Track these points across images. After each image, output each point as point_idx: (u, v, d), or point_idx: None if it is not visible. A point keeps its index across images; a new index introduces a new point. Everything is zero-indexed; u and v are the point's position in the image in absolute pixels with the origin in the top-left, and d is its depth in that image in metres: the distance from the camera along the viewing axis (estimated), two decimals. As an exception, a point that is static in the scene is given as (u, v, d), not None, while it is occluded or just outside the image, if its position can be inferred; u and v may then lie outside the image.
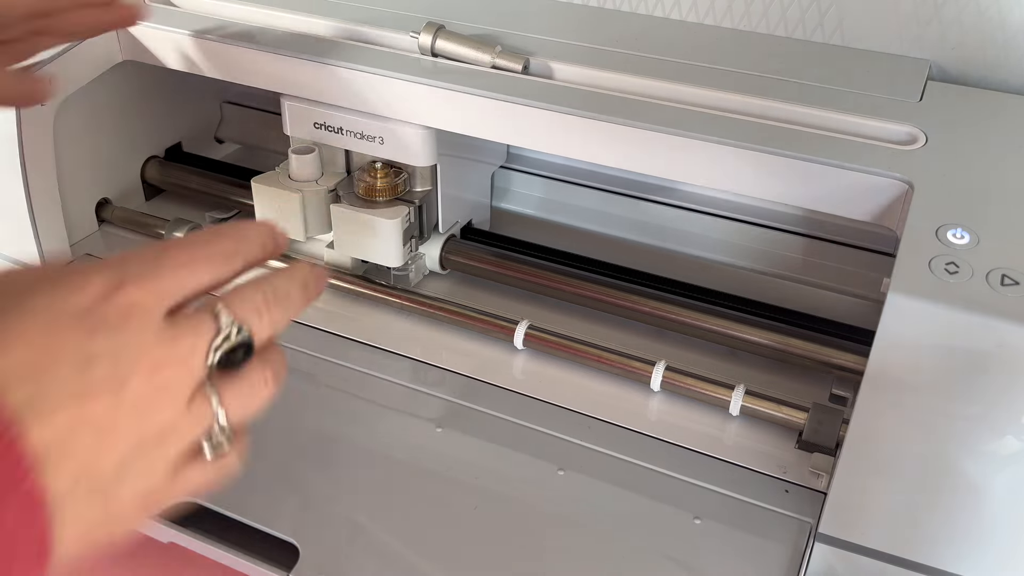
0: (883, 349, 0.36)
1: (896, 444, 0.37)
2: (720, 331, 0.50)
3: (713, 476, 0.43)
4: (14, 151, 0.52)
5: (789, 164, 0.42)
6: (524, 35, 0.53)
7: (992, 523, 0.37)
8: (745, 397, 0.46)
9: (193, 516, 0.41)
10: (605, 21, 0.57)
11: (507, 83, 0.48)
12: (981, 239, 0.37)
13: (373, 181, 0.52)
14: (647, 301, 0.51)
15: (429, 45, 0.51)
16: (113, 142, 0.61)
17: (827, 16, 0.54)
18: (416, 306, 0.53)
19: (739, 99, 0.46)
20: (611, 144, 0.45)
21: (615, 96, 0.47)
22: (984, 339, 0.34)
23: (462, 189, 0.57)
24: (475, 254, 0.56)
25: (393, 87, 0.49)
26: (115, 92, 0.60)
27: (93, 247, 0.59)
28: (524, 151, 0.61)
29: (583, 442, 0.45)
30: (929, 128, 0.44)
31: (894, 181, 0.41)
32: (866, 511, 0.39)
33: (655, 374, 0.47)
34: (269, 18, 0.56)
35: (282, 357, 0.27)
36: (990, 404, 0.35)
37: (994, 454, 0.35)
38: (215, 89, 0.69)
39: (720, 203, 0.58)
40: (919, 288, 0.35)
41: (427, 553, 0.40)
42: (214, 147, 0.71)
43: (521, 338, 0.50)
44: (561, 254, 0.56)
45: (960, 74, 0.53)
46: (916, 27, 0.53)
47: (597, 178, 0.61)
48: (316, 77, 0.51)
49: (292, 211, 0.53)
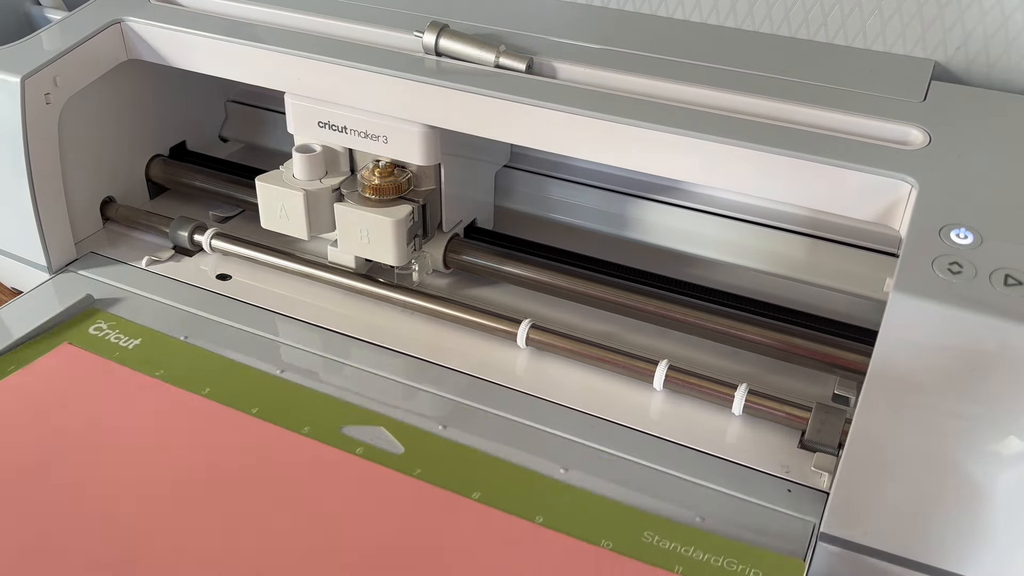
0: (886, 349, 0.36)
1: (899, 444, 0.37)
2: (723, 330, 0.50)
3: (715, 475, 0.43)
4: (19, 149, 0.52)
5: (792, 164, 0.42)
6: (528, 35, 0.53)
7: (995, 523, 0.37)
8: (748, 396, 0.46)
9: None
10: (609, 21, 0.57)
11: (511, 82, 0.48)
12: (984, 239, 0.37)
13: (376, 180, 0.52)
14: (650, 300, 0.52)
15: (433, 44, 0.51)
16: (117, 140, 0.61)
17: (830, 16, 0.54)
18: (419, 304, 0.53)
19: (742, 99, 0.46)
20: (614, 144, 0.45)
21: (618, 96, 0.47)
22: (987, 339, 0.34)
23: (465, 188, 0.57)
24: (478, 253, 0.56)
25: (397, 86, 0.49)
26: (119, 91, 0.60)
27: (97, 245, 0.59)
28: (528, 150, 0.61)
29: (586, 441, 0.45)
30: (933, 128, 0.44)
31: (897, 181, 0.41)
32: (869, 511, 0.39)
33: (658, 373, 0.47)
34: (273, 17, 0.56)
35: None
36: (993, 404, 0.35)
37: (997, 454, 0.35)
38: (219, 88, 0.69)
39: (723, 203, 0.58)
40: (922, 288, 0.35)
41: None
42: (218, 146, 0.71)
43: (524, 337, 0.50)
44: (564, 253, 0.56)
45: (964, 74, 0.53)
46: (919, 27, 0.53)
47: (600, 178, 0.61)
48: (320, 76, 0.51)
49: (296, 210, 0.53)
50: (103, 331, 0.51)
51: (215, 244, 0.58)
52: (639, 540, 0.39)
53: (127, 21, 0.56)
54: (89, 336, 0.51)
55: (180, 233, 0.58)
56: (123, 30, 0.56)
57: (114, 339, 0.51)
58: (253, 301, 0.54)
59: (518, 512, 0.40)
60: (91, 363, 0.49)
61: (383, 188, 0.52)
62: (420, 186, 0.53)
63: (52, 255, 0.56)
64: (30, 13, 0.66)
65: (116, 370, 0.48)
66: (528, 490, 0.42)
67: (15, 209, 0.55)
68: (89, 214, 0.60)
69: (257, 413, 0.46)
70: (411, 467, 0.43)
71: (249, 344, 0.51)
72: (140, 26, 0.56)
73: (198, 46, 0.54)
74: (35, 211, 0.54)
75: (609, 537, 0.39)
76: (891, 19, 0.53)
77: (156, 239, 0.60)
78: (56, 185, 0.55)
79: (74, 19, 0.57)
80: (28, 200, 0.54)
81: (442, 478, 0.42)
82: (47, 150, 0.54)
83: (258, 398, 0.47)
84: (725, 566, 0.38)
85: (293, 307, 0.54)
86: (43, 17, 0.65)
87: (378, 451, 0.44)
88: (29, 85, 0.52)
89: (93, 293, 0.54)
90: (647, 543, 0.39)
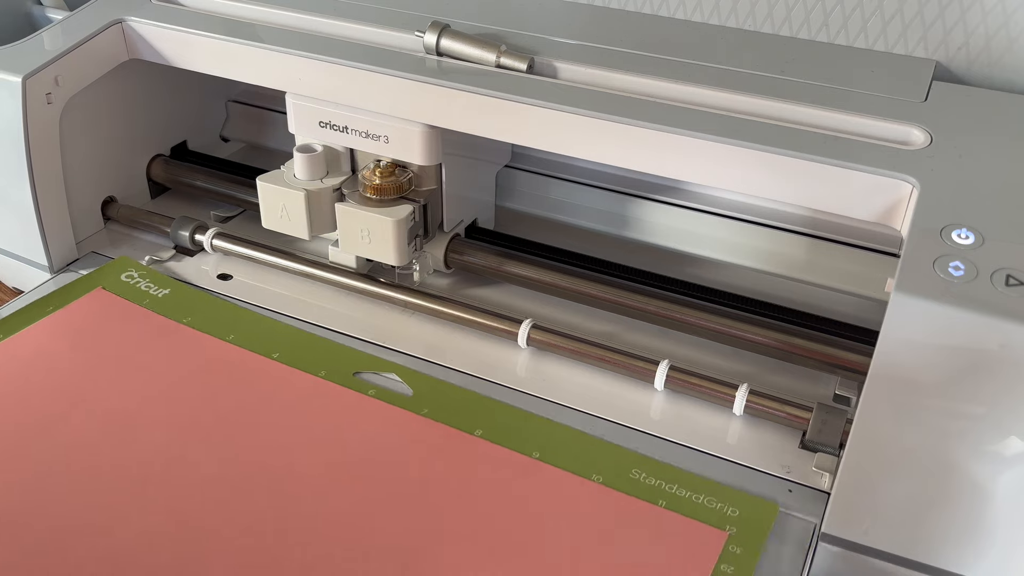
0: (887, 349, 0.36)
1: (900, 444, 0.37)
2: (724, 330, 0.50)
3: (717, 475, 0.43)
4: (20, 149, 0.52)
5: (793, 164, 0.42)
6: (529, 34, 0.53)
7: (996, 523, 0.37)
8: (749, 396, 0.46)
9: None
10: (610, 20, 0.57)
11: (512, 82, 0.48)
12: (986, 239, 0.37)
13: (378, 180, 0.52)
14: (651, 300, 0.52)
15: (434, 44, 0.51)
16: (119, 140, 0.61)
17: (832, 16, 0.54)
18: (420, 304, 0.53)
19: (743, 99, 0.46)
20: (615, 144, 0.45)
21: (620, 95, 0.47)
22: (988, 339, 0.34)
23: (467, 188, 0.57)
24: (479, 253, 0.56)
25: (398, 86, 0.49)
26: (121, 90, 0.60)
27: (98, 245, 0.59)
28: (529, 150, 0.61)
29: (587, 441, 0.45)
30: (934, 128, 0.44)
31: (899, 181, 0.41)
32: (870, 511, 0.39)
33: (659, 373, 0.47)
34: (274, 17, 0.56)
35: None
36: (994, 404, 0.35)
37: (998, 454, 0.35)
38: (220, 88, 0.69)
39: (724, 203, 0.58)
40: (923, 288, 0.35)
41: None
42: (219, 145, 0.71)
43: (525, 337, 0.50)
44: (565, 253, 0.56)
45: (965, 74, 0.53)
46: (921, 27, 0.53)
47: (602, 178, 0.61)
48: (321, 76, 0.51)
49: (297, 210, 0.53)
50: (134, 279, 0.55)
51: (216, 244, 0.58)
52: (627, 476, 0.42)
53: (128, 21, 0.56)
54: (121, 282, 0.55)
55: (181, 233, 0.58)
56: (124, 30, 0.56)
57: (144, 287, 0.54)
58: (254, 301, 0.54)
59: (516, 447, 0.44)
60: (123, 307, 0.53)
61: (384, 188, 0.52)
62: (421, 186, 0.53)
63: (53, 255, 0.56)
64: (31, 13, 0.66)
65: (146, 315, 0.52)
66: (526, 429, 0.45)
67: (16, 209, 0.55)
68: (90, 214, 0.60)
69: (278, 358, 0.49)
70: (419, 407, 0.46)
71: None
72: (141, 26, 0.56)
73: (199, 46, 0.54)
74: (36, 211, 0.54)
75: (600, 472, 0.43)
76: (892, 19, 0.53)
77: (157, 239, 0.60)
78: (57, 185, 0.56)
79: (75, 19, 0.57)
80: (29, 200, 0.54)
81: (447, 417, 0.46)
82: (48, 150, 0.54)
83: (278, 345, 0.50)
84: (705, 503, 0.41)
85: (294, 307, 0.54)
86: (44, 17, 0.65)
87: (389, 393, 0.47)
88: (30, 85, 0.52)
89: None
90: (634, 479, 0.42)
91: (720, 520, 0.40)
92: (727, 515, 0.40)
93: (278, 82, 0.53)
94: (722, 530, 0.40)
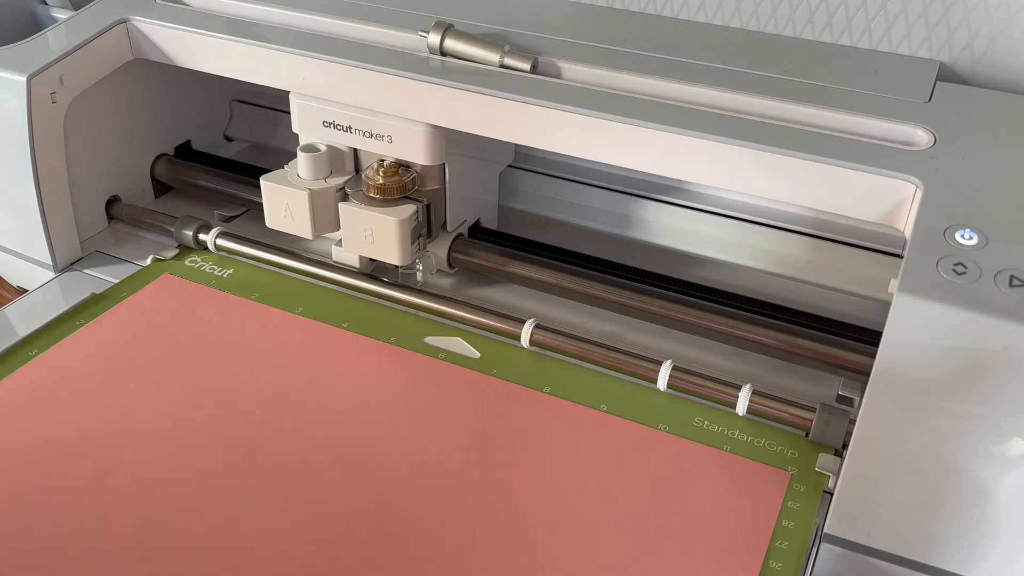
0: (890, 349, 0.36)
1: (903, 445, 0.37)
2: (727, 331, 0.50)
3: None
4: (25, 148, 0.53)
5: (797, 164, 0.42)
6: (533, 35, 0.53)
7: (999, 524, 0.37)
8: (752, 397, 0.46)
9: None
10: (613, 21, 0.57)
11: (515, 82, 0.48)
12: (989, 240, 0.37)
13: (381, 180, 0.52)
14: (654, 300, 0.52)
15: (438, 44, 0.51)
16: (123, 140, 0.61)
17: (835, 16, 0.54)
18: (423, 304, 0.53)
19: (747, 99, 0.46)
20: (619, 144, 0.45)
21: (623, 96, 0.47)
22: (992, 340, 0.34)
23: (470, 188, 0.57)
24: (482, 253, 0.56)
25: (402, 86, 0.49)
26: (125, 90, 0.60)
27: (103, 244, 0.60)
28: (532, 150, 0.61)
29: (590, 441, 0.45)
30: (938, 129, 0.44)
31: (902, 182, 0.41)
32: (873, 512, 0.39)
33: (662, 373, 0.47)
34: (279, 16, 0.56)
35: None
36: (997, 405, 0.35)
37: (1001, 455, 0.35)
38: (224, 87, 0.69)
39: (727, 203, 0.58)
40: (927, 288, 0.35)
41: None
42: (223, 145, 0.71)
43: (528, 337, 0.50)
44: (568, 253, 0.56)
45: (969, 75, 0.53)
46: (925, 28, 0.53)
47: (605, 178, 0.61)
48: (325, 76, 0.51)
49: (300, 209, 0.53)
50: (198, 264, 0.57)
51: (220, 243, 0.58)
52: (691, 424, 0.46)
53: (133, 20, 0.56)
54: (186, 267, 0.57)
55: (185, 232, 0.58)
56: (129, 29, 0.56)
57: (208, 270, 0.56)
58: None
59: (584, 402, 0.47)
60: (193, 289, 0.55)
61: (387, 188, 0.52)
62: (424, 186, 0.53)
63: (57, 254, 0.56)
64: (36, 12, 0.66)
65: (216, 295, 0.54)
66: (592, 385, 0.48)
67: (20, 208, 0.55)
68: (94, 213, 0.60)
69: (347, 327, 0.52)
70: (488, 368, 0.49)
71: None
72: (146, 25, 0.56)
73: (203, 46, 0.54)
74: (40, 210, 0.54)
75: (665, 422, 0.46)
76: (896, 19, 0.53)
77: (161, 238, 0.60)
78: (61, 184, 0.56)
79: (80, 18, 0.57)
80: (34, 199, 0.54)
81: (515, 376, 0.49)
82: (53, 149, 0.54)
83: (346, 315, 0.53)
84: (766, 446, 0.44)
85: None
86: (49, 16, 0.65)
87: (458, 356, 0.50)
88: (35, 84, 0.52)
89: (98, 292, 0.54)
90: (698, 427, 0.45)
91: (782, 461, 0.43)
92: (788, 456, 0.43)
93: (282, 82, 0.53)
94: (785, 471, 0.43)
